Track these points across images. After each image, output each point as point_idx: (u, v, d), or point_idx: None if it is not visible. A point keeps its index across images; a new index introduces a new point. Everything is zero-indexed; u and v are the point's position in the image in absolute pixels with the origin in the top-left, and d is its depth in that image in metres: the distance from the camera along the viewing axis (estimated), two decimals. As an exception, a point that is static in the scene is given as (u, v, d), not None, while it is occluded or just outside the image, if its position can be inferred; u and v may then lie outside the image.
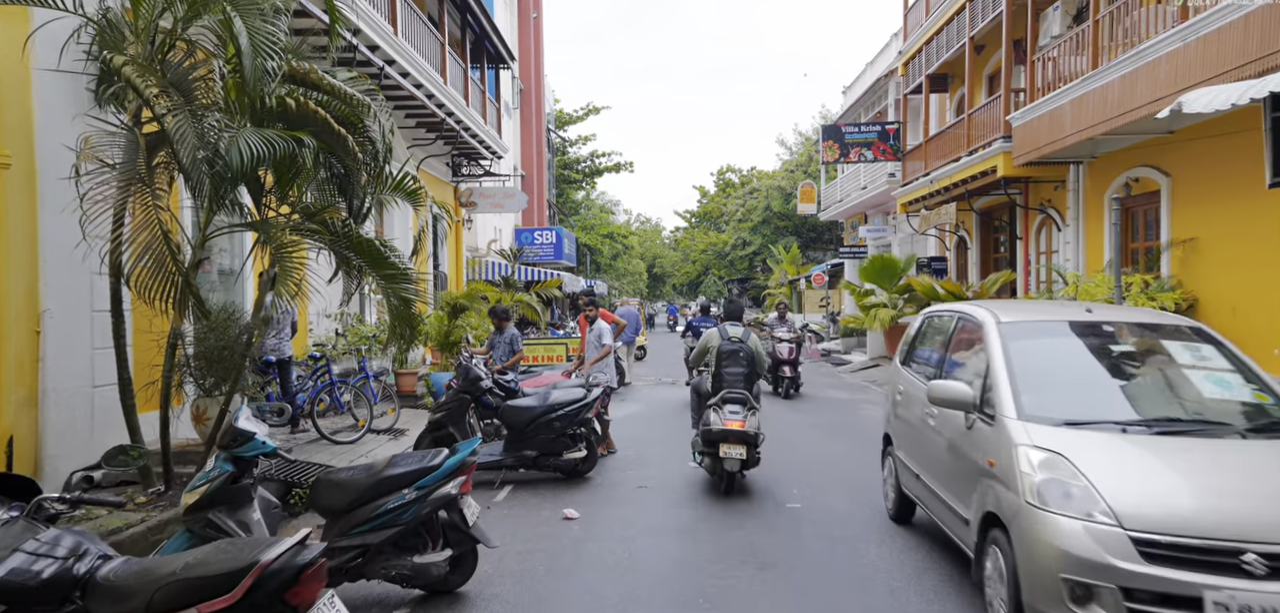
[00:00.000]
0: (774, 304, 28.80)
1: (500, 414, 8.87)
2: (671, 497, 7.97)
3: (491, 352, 10.37)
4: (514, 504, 7.82)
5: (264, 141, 6.19)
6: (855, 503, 7.64)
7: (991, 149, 16.08)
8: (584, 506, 7.63)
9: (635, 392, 16.96)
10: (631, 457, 9.85)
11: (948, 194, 18.82)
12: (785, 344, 16.46)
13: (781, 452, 9.71)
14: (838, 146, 23.10)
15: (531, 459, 8.56)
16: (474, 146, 19.99)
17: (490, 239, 27.05)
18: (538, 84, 35.46)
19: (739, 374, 8.10)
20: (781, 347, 16.34)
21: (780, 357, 16.20)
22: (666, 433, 11.68)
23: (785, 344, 16.46)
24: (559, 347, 15.26)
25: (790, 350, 16.41)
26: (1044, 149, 13.85)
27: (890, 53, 25.77)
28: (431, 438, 8.55)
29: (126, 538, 6.14)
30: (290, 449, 9.33)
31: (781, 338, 16.54)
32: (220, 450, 4.88)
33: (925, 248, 23.66)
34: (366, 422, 10.24)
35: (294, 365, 10.19)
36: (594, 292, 14.99)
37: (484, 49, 21.68)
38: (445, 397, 8.87)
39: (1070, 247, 15.48)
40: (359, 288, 8.63)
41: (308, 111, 6.89)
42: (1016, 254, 18.10)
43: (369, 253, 7.60)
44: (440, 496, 5.09)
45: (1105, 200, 14.30)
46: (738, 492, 8.01)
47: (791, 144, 49.68)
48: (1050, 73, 14.35)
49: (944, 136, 19.24)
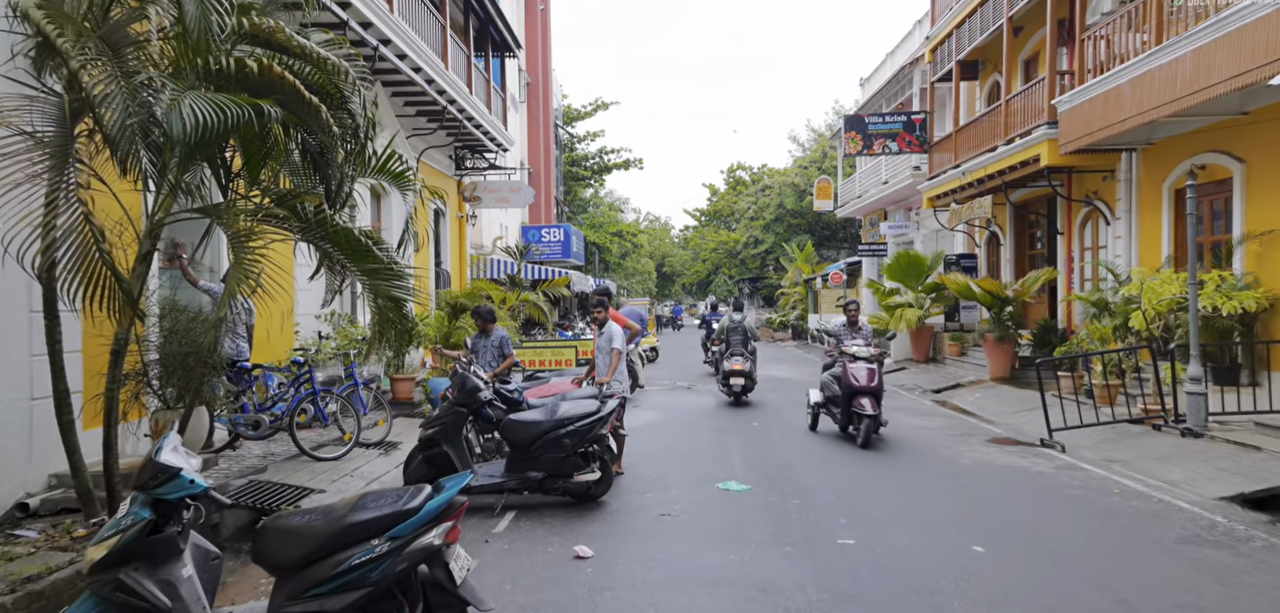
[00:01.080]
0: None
1: (502, 430, 7.78)
2: (701, 529, 6.85)
3: (475, 357, 9.23)
4: (516, 536, 6.72)
5: (214, 108, 5.10)
6: (924, 540, 6.51)
7: (1034, 137, 14.92)
8: (598, 539, 6.52)
9: (648, 397, 15.84)
10: (650, 477, 8.74)
11: (981, 187, 17.65)
12: (862, 367, 10.43)
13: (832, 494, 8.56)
14: (861, 138, 21.92)
15: (537, 482, 7.46)
16: (477, 138, 18.91)
17: (496, 236, 25.98)
18: (545, 78, 34.39)
19: (739, 339, 15.18)
20: (856, 370, 10.40)
21: (853, 383, 10.33)
22: (689, 448, 10.55)
23: (862, 367, 10.43)
24: (568, 350, 14.15)
25: (870, 375, 10.33)
26: (1097, 134, 12.69)
27: (914, 40, 24.60)
28: (423, 457, 7.47)
29: (46, 586, 5.07)
30: (264, 469, 8.27)
31: (856, 355, 10.62)
32: (136, 491, 3.80)
33: (952, 244, 22.48)
34: (353, 435, 9.16)
35: (252, 374, 9.12)
36: (610, 292, 13.74)
37: (488, 36, 20.61)
38: (439, 410, 7.78)
39: (1121, 241, 14.31)
40: (343, 285, 7.53)
41: (272, 77, 5.79)
42: (1057, 250, 16.92)
43: (348, 245, 6.52)
44: (420, 548, 4.00)
45: (1164, 190, 13.16)
46: (778, 523, 6.92)
47: (804, 141, 48.48)
48: (1102, 52, 13.18)
49: (977, 125, 18.06)
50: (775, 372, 22.10)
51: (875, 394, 10.30)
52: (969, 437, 11.08)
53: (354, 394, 9.72)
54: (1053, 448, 10.10)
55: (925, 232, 24.60)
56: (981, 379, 16.49)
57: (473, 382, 7.58)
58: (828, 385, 11.15)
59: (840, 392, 10.60)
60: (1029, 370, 15.42)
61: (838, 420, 10.84)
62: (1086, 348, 12.51)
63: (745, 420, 12.89)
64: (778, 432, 11.73)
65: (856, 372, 10.36)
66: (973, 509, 7.41)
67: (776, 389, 17.62)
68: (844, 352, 10.75)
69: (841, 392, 10.55)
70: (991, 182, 17.07)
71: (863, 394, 10.27)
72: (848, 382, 10.38)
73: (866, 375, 10.35)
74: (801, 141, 48.89)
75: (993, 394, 14.92)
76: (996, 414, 12.96)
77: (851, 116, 23.57)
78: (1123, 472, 8.77)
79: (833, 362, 11.22)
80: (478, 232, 23.48)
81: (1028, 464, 9.36)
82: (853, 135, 22.18)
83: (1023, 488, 8.29)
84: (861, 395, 10.27)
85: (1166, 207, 13.10)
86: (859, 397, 10.28)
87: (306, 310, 11.60)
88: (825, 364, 11.57)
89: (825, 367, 11.54)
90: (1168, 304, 10.79)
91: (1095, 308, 13.42)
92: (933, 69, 21.08)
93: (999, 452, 10.15)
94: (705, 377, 20.33)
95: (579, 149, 42.81)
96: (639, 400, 14.66)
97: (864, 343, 10.96)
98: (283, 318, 8.00)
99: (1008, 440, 10.90)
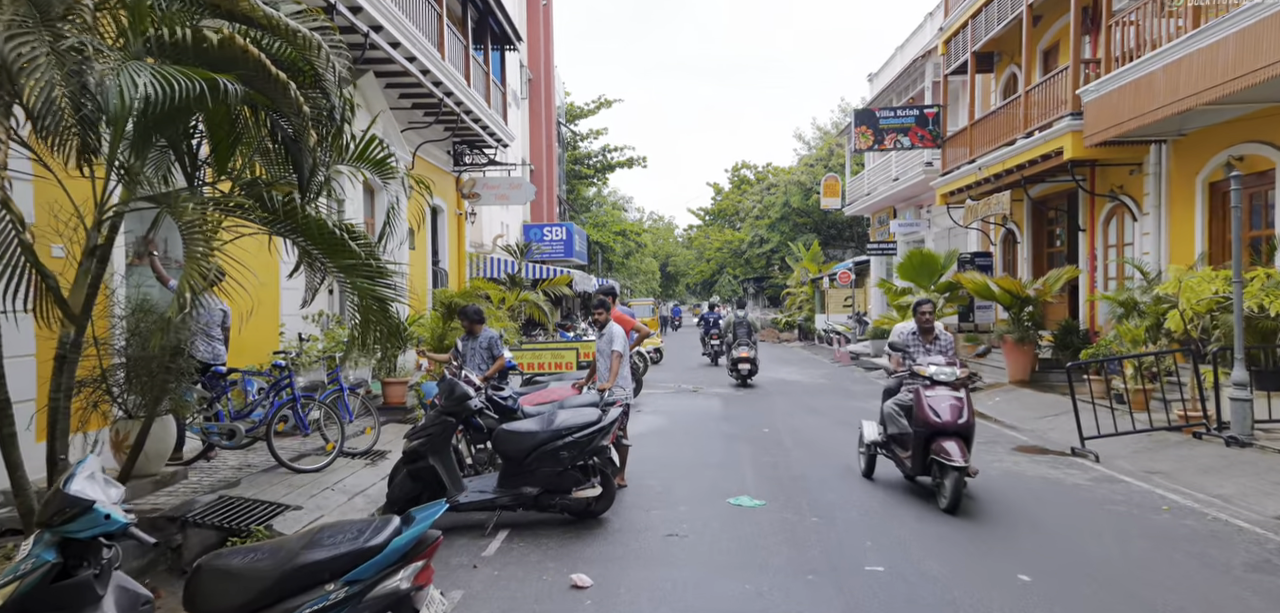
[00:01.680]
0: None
1: (494, 441, 7.15)
2: (712, 553, 6.21)
3: (462, 362, 8.59)
4: (508, 560, 6.09)
5: (159, 80, 4.46)
6: (960, 567, 5.86)
7: (1055, 129, 14.25)
8: (599, 565, 5.88)
9: (650, 400, 15.19)
10: (655, 490, 8.09)
11: (998, 182, 16.98)
12: (946, 397, 7.38)
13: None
14: (871, 133, 21.25)
15: (532, 498, 6.82)
16: (476, 133, 18.27)
17: (496, 234, 25.36)
18: (547, 74, 33.76)
19: (744, 332, 18.62)
20: (937, 401, 7.34)
21: (932, 419, 7.25)
22: (697, 457, 9.90)
23: (946, 397, 7.38)
24: (569, 352, 13.51)
25: (956, 408, 7.30)
26: (1126, 125, 12.01)
27: (926, 33, 23.92)
28: (407, 471, 6.83)
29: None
30: (237, 482, 7.64)
31: (935, 378, 7.55)
32: (40, 529, 3.17)
33: (965, 242, 21.82)
34: (336, 444, 8.52)
35: (228, 379, 8.50)
36: (615, 291, 12.99)
37: (488, 28, 19.96)
38: (426, 419, 7.14)
39: (1149, 238, 13.64)
40: (322, 283, 6.89)
41: (234, 50, 5.15)
42: (1078, 247, 16.25)
43: (321, 238, 5.89)
44: (384, 594, 3.37)
45: (1197, 183, 12.49)
46: (797, 545, 6.29)
47: (809, 138, 47.80)
48: (1130, 39, 12.51)
49: (994, 119, 17.39)
50: (783, 374, 21.47)
51: (964, 436, 7.22)
52: (994, 445, 10.41)
53: (339, 400, 9.09)
54: (1085, 457, 9.44)
55: (937, 230, 23.94)
56: (1000, 382, 15.82)
57: (461, 389, 6.94)
58: (892, 419, 8.01)
59: (910, 428, 7.55)
60: (1050, 373, 14.78)
61: (905, 467, 7.77)
62: (1117, 350, 11.83)
63: (755, 426, 12.24)
64: (789, 440, 11.08)
65: (937, 403, 7.31)
66: (1010, 529, 6.75)
67: (785, 393, 16.99)
68: (918, 372, 7.74)
69: (913, 429, 7.48)
70: (1009, 177, 16.41)
71: (946, 435, 7.17)
72: (924, 416, 7.29)
73: (952, 408, 7.24)
74: (807, 140, 48.25)
75: (1014, 398, 14.24)
76: (1020, 420, 12.29)
77: (862, 111, 22.92)
78: (1166, 485, 8.10)
79: (897, 386, 8.25)
80: (477, 230, 22.86)
81: (1062, 476, 8.70)
82: (863, 130, 21.51)
83: (1061, 504, 7.63)
84: (945, 437, 7.16)
85: (1200, 201, 12.43)
86: (941, 439, 7.18)
87: (294, 310, 10.98)
88: (886, 389, 8.50)
89: (886, 393, 8.41)
90: (1207, 304, 10.12)
91: (1123, 308, 12.76)
92: (946, 61, 20.40)
93: (1029, 461, 9.48)
94: (711, 379, 19.91)
95: (582, 147, 42.18)
96: (642, 404, 14.03)
97: (943, 356, 7.94)
98: (249, 316, 7.34)
99: (1036, 449, 10.24)
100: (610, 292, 9.50)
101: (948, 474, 7.11)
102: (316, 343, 10.76)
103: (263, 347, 9.93)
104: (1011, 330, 15.86)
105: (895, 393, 8.24)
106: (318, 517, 6.96)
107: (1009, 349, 15.83)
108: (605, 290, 9.23)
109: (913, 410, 7.56)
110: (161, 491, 7.03)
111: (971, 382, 7.82)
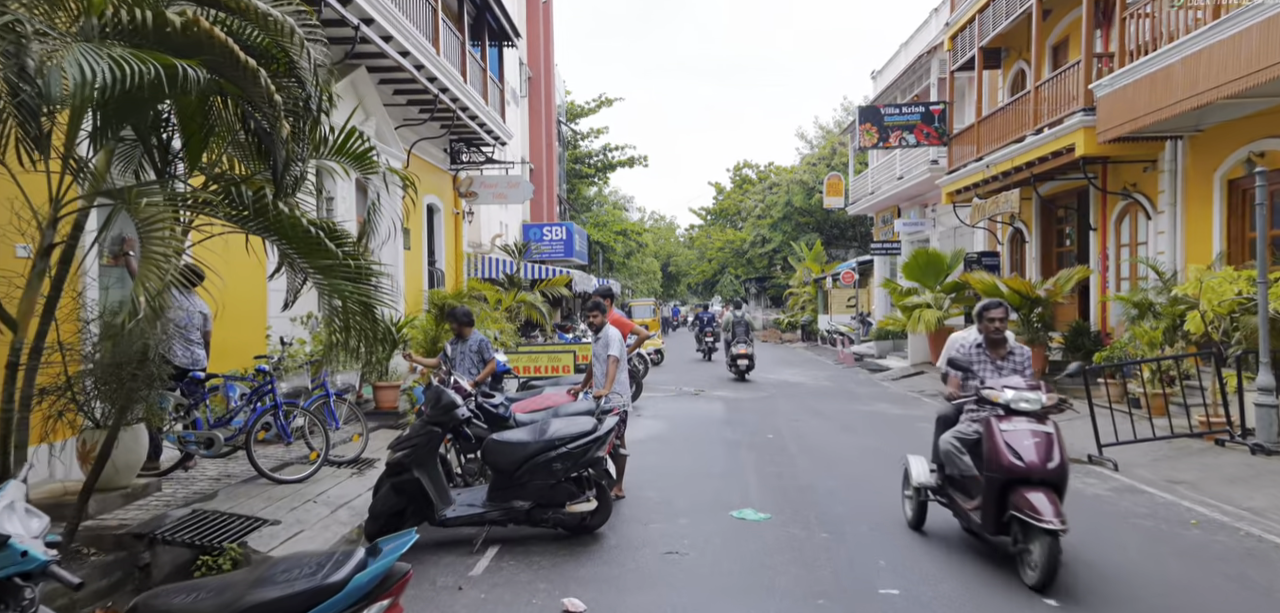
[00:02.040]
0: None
1: (483, 452, 6.76)
2: (715, 572, 5.82)
3: (451, 367, 8.21)
4: (496, 581, 5.70)
5: (111, 64, 4.09)
6: (982, 588, 5.47)
7: (1067, 125, 13.84)
8: (594, 586, 5.50)
9: (650, 403, 14.81)
10: (654, 502, 7.70)
11: (1006, 180, 16.57)
12: (1028, 432, 5.51)
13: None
14: (876, 130, 20.84)
15: (524, 512, 6.43)
16: (473, 130, 17.88)
17: (495, 234, 24.97)
18: (547, 72, 33.38)
19: (742, 330, 19.93)
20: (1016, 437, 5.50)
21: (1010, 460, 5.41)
22: (698, 466, 9.51)
23: (1028, 432, 5.51)
24: (566, 354, 13.11)
25: (1044, 448, 5.44)
26: (1142, 120, 11.61)
27: (931, 29, 23.52)
28: (391, 485, 6.44)
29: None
30: (214, 494, 7.26)
31: (1013, 406, 5.61)
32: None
33: (971, 242, 21.42)
34: (321, 453, 8.14)
35: (207, 385, 8.13)
36: (613, 291, 12.61)
37: (485, 23, 19.58)
38: (411, 428, 6.75)
39: (1164, 237, 13.23)
40: (304, 285, 6.52)
41: (199, 33, 4.77)
42: (1089, 247, 15.84)
43: (295, 236, 5.51)
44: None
45: (1215, 180, 12.09)
46: (806, 564, 5.90)
47: (812, 137, 47.43)
48: (1145, 32, 12.10)
49: (1002, 115, 16.98)
50: (786, 376, 21.10)
51: (1056, 485, 5.36)
52: (1007, 452, 9.99)
53: (325, 406, 8.71)
54: (1103, 465, 9.04)
55: (942, 229, 23.55)
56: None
57: (448, 397, 6.55)
58: (951, 457, 6.13)
59: (979, 472, 5.76)
60: (1060, 375, 14.36)
61: (971, 522, 5.87)
62: (1132, 353, 11.43)
63: (758, 431, 11.85)
64: (794, 446, 10.69)
65: (1017, 440, 5.42)
66: (1030, 545, 6.34)
67: (789, 396, 16.60)
68: (989, 396, 5.73)
69: (984, 474, 5.62)
70: (1018, 174, 16.01)
71: (1032, 484, 5.31)
72: (1000, 457, 5.41)
73: (1038, 448, 5.37)
74: (809, 139, 47.89)
75: (1024, 402, 13.83)
76: (1032, 425, 11.87)
77: (866, 108, 22.51)
78: (1192, 496, 7.70)
79: (954, 413, 6.33)
80: (476, 229, 22.49)
81: (1081, 485, 8.29)
82: (868, 127, 21.11)
83: (1082, 516, 7.19)
84: (1029, 487, 5.29)
85: (1218, 198, 12.02)
86: (1024, 489, 5.29)
87: (280, 312, 10.59)
88: (941, 417, 6.52)
89: (941, 422, 6.47)
90: (1229, 305, 9.72)
91: (1137, 309, 12.36)
92: (952, 57, 19.99)
93: (1044, 470, 9.08)
94: (711, 378, 19.71)
95: (583, 146, 41.80)
96: (641, 408, 13.64)
97: (1021, 375, 6.01)
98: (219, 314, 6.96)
99: (1051, 456, 9.82)
100: (607, 293, 9.11)
101: (1036, 538, 5.18)
102: (304, 346, 10.39)
103: (248, 350, 9.54)
104: (1021, 332, 15.43)
105: (952, 422, 6.32)
106: (297, 531, 6.59)
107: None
108: (602, 291, 8.84)
109: (982, 448, 5.66)
110: (132, 504, 6.66)
111: (1061, 409, 5.88)
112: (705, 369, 22.85)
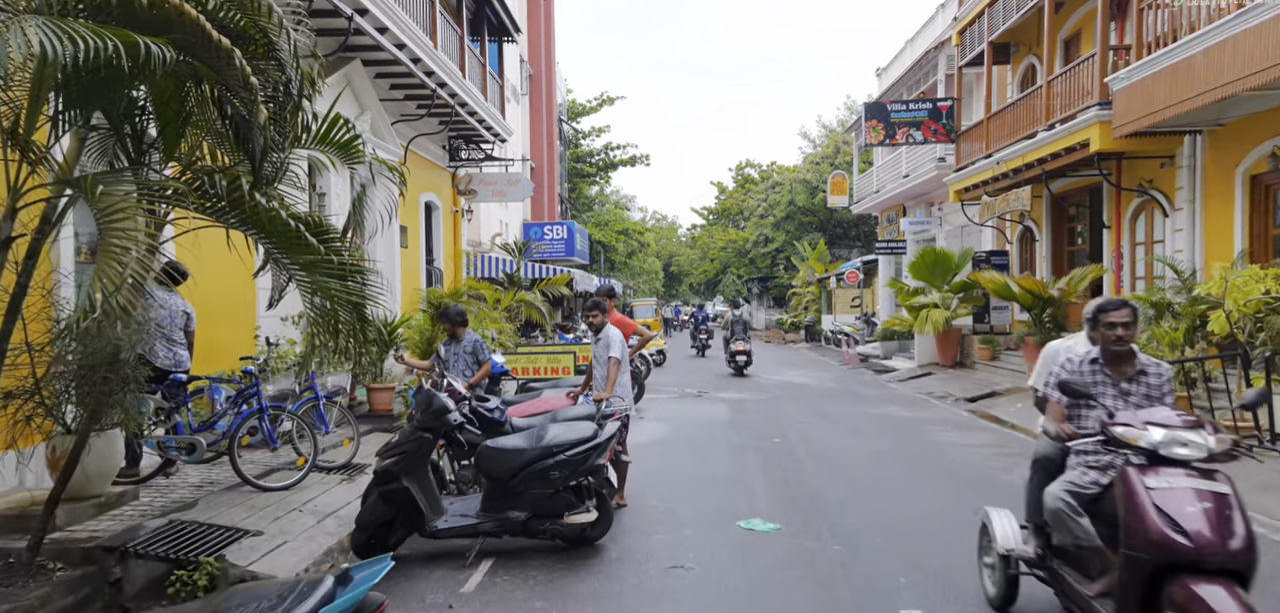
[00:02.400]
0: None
1: (477, 459, 6.40)
2: (722, 589, 5.46)
3: (444, 369, 7.86)
4: (489, 597, 5.34)
5: (66, 37, 3.74)
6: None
7: (1080, 120, 13.48)
8: (593, 604, 5.14)
9: (652, 405, 14.44)
10: (657, 510, 7.34)
11: (1017, 177, 16.20)
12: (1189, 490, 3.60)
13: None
14: (882, 127, 20.48)
15: (520, 523, 6.07)
16: (472, 126, 17.54)
17: (495, 233, 24.63)
18: (549, 70, 33.04)
19: (741, 329, 21.68)
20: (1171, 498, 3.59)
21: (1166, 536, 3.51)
22: (702, 471, 9.15)
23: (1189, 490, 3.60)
24: (566, 355, 12.74)
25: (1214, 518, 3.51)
26: (1161, 114, 11.24)
27: (938, 24, 23.13)
28: (379, 494, 6.08)
29: None
30: (194, 503, 6.90)
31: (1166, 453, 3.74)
32: None
33: (979, 241, 21.04)
34: (309, 458, 7.78)
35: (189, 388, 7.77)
36: (615, 291, 12.26)
37: (485, 18, 19.24)
38: (401, 434, 6.39)
39: (1182, 235, 12.85)
40: (290, 282, 6.16)
41: (168, 9, 4.42)
42: (1103, 245, 15.46)
43: (273, 230, 5.15)
44: (307, 680, 2.62)
45: (1237, 176, 11.73)
46: (820, 581, 5.53)
47: (815, 136, 47.01)
48: (1163, 23, 11.73)
49: (1013, 111, 16.61)
50: (790, 376, 20.74)
51: (1240, 575, 3.53)
52: (1024, 458, 9.62)
53: (314, 409, 8.35)
54: (1126, 472, 8.63)
55: (949, 228, 23.17)
56: (1020, 386, 15.02)
57: (439, 401, 6.19)
58: (1062, 518, 4.29)
59: (1115, 547, 3.86)
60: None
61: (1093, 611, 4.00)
62: (1152, 354, 11.03)
63: (764, 434, 11.49)
64: (802, 450, 10.32)
65: (1175, 503, 3.62)
66: (1056, 558, 5.97)
67: (794, 397, 16.23)
68: (1124, 437, 3.93)
69: (1125, 551, 3.72)
70: (1029, 171, 15.64)
71: (1202, 573, 3.51)
72: (1149, 529, 3.60)
73: (1211, 517, 3.57)
74: (812, 138, 47.46)
75: (1037, 404, 13.46)
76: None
77: (872, 104, 22.16)
78: (1222, 505, 7.31)
79: (1060, 456, 4.57)
80: (475, 228, 22.14)
81: (1103, 494, 7.91)
82: (874, 124, 20.75)
83: (1108, 527, 6.85)
84: (1199, 578, 3.49)
85: (1240, 195, 11.65)
86: (1189, 580, 3.49)
87: (273, 312, 10.23)
88: (1039, 458, 4.76)
89: (1039, 465, 4.73)
90: (1256, 304, 9.34)
91: (1155, 309, 11.97)
92: (960, 53, 19.62)
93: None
94: (711, 378, 19.48)
95: (584, 145, 41.46)
96: (644, 410, 13.28)
97: (1172, 412, 4.04)
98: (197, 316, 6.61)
99: (1069, 462, 9.45)
100: (609, 292, 8.75)
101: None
102: (294, 347, 10.03)
103: (236, 350, 9.18)
104: (1033, 332, 15.09)
105: (1058, 467, 4.54)
106: (280, 543, 6.23)
107: (1029, 352, 15.05)
108: (604, 291, 8.48)
109: (1117, 511, 3.84)
110: (105, 514, 6.30)
111: (1237, 453, 4.11)
112: (703, 366, 23.92)
